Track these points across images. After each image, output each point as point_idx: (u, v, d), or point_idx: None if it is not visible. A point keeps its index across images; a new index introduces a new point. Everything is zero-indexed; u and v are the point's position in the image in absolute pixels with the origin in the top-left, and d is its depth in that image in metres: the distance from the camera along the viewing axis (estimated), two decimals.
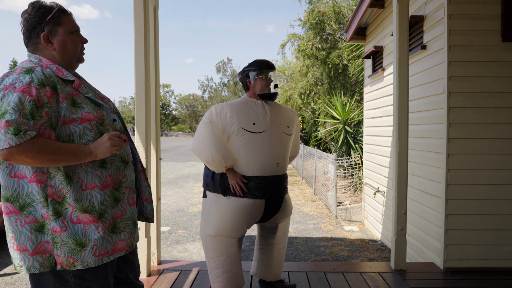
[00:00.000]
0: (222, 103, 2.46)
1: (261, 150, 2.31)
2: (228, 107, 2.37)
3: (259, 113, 2.37)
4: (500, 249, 3.28)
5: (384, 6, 5.39)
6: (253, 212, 2.37)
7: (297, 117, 2.63)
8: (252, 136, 2.30)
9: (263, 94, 2.44)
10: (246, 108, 2.38)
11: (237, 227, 2.37)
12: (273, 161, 2.34)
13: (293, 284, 2.72)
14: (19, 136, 1.25)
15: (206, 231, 2.44)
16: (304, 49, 12.94)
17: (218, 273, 2.43)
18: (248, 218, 2.38)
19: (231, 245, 2.41)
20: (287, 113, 2.54)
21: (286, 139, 2.43)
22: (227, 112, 2.33)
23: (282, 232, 2.63)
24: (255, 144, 2.31)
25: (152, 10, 3.15)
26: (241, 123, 2.31)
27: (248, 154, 2.31)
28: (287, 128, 2.45)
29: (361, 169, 8.41)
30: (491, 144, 3.28)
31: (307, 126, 15.10)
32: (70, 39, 1.49)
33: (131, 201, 1.57)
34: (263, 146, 2.31)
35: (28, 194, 1.37)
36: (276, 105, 2.52)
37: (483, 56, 3.27)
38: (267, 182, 2.34)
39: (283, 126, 2.42)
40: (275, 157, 2.35)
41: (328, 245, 5.41)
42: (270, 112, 2.41)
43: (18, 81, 1.32)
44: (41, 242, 1.39)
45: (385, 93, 5.39)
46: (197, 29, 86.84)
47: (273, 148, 2.34)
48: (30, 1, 1.49)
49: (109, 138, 1.41)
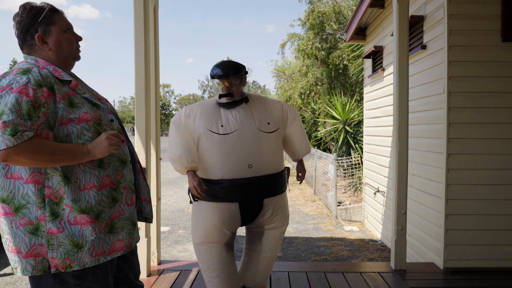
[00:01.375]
0: (194, 104, 2.36)
1: (229, 152, 2.17)
2: (198, 108, 2.27)
3: (228, 114, 2.24)
4: (500, 249, 3.28)
5: (384, 6, 5.39)
6: (227, 215, 2.24)
7: (291, 108, 2.42)
8: (220, 138, 2.18)
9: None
10: (216, 109, 2.26)
11: (215, 231, 2.26)
12: (244, 163, 2.18)
13: None
14: (16, 137, 1.24)
15: (192, 240, 2.38)
16: (304, 49, 12.94)
17: (209, 277, 2.36)
18: (225, 221, 2.25)
19: (217, 251, 2.30)
20: (271, 108, 2.34)
21: (264, 137, 2.23)
22: (196, 114, 2.24)
23: (270, 241, 2.42)
24: (223, 146, 2.18)
25: (152, 10, 3.15)
26: (208, 125, 2.20)
27: (216, 156, 2.19)
28: (267, 125, 2.25)
29: (361, 169, 8.41)
30: (491, 144, 3.28)
31: (307, 126, 15.10)
32: (64, 37, 1.49)
33: (129, 201, 1.57)
34: (232, 148, 2.17)
35: (24, 195, 1.37)
36: (256, 101, 2.34)
37: (483, 56, 3.27)
38: (238, 185, 2.19)
39: (260, 124, 2.23)
40: (246, 158, 2.18)
41: (328, 245, 5.41)
42: (243, 111, 2.25)
43: (15, 81, 1.32)
44: (34, 245, 1.37)
45: (385, 93, 5.39)
46: (197, 29, 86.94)
47: (243, 150, 2.18)
48: (21, 3, 1.48)
49: (106, 138, 1.41)
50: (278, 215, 2.35)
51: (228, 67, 2.24)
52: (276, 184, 2.30)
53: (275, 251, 2.49)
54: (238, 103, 2.24)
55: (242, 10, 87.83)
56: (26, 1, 1.48)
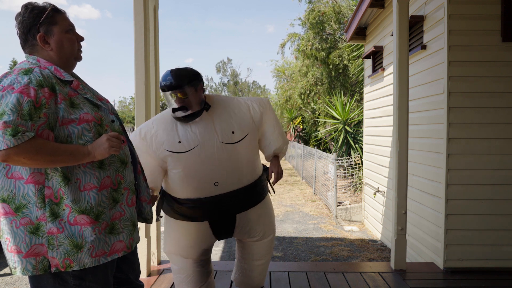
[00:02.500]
0: (148, 121, 2.14)
1: (191, 171, 1.97)
2: (153, 127, 2.05)
3: (187, 128, 1.99)
4: (500, 249, 3.28)
5: (384, 6, 5.39)
6: (199, 235, 2.11)
7: (260, 103, 2.13)
8: (179, 156, 1.96)
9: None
10: (173, 124, 2.02)
11: (187, 248, 2.15)
12: (209, 182, 1.98)
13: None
14: (17, 137, 1.24)
15: (163, 248, 2.27)
16: (304, 49, 12.95)
17: (179, 283, 2.26)
18: (197, 240, 2.13)
19: (189, 265, 2.19)
20: (235, 113, 2.06)
21: (230, 150, 1.98)
22: (152, 134, 2.03)
23: (259, 251, 2.30)
24: (185, 165, 1.96)
25: (152, 10, 3.15)
26: (166, 144, 1.98)
27: (179, 176, 1.99)
28: (231, 135, 1.99)
29: (361, 169, 8.41)
30: (491, 144, 3.28)
31: (307, 126, 15.10)
32: (66, 38, 1.49)
33: (130, 202, 1.57)
34: (193, 166, 1.96)
35: (24, 195, 1.37)
36: (219, 107, 2.06)
37: (483, 56, 3.27)
38: (204, 204, 2.02)
39: (223, 136, 1.98)
40: (210, 176, 1.97)
41: (328, 245, 5.41)
42: (203, 122, 2.00)
43: (17, 82, 1.32)
44: (35, 244, 1.37)
45: (385, 93, 5.39)
46: (197, 29, 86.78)
47: (206, 167, 1.96)
48: (23, 3, 1.48)
49: (107, 139, 1.41)
50: (259, 226, 2.18)
51: (180, 76, 1.95)
52: (251, 195, 2.10)
53: (267, 257, 2.38)
54: (197, 115, 1.98)
55: (242, 10, 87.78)
56: (28, 1, 1.47)
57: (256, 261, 2.34)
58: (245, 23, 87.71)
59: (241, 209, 2.10)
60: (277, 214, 7.35)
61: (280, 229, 6.24)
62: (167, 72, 1.98)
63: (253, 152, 2.12)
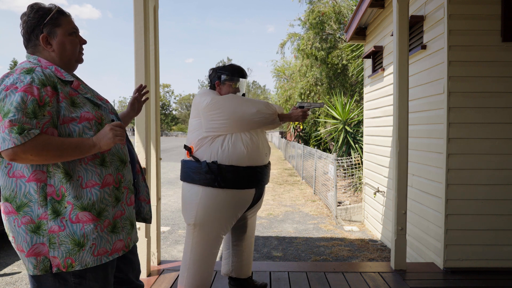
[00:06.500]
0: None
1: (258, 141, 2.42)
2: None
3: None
4: (500, 249, 3.28)
5: (384, 6, 5.39)
6: (241, 202, 2.39)
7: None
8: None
9: None
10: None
11: (231, 221, 2.40)
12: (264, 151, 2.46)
13: (264, 284, 2.79)
14: (23, 135, 1.26)
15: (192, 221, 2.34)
16: (304, 49, 12.96)
17: (196, 271, 2.36)
18: (241, 210, 2.42)
19: (218, 244, 2.42)
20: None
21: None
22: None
23: (252, 227, 2.69)
24: (256, 136, 2.42)
25: (152, 10, 3.15)
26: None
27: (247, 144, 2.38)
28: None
29: (361, 169, 8.41)
30: (491, 144, 3.28)
31: (307, 126, 15.10)
32: (68, 40, 1.50)
33: (129, 201, 1.58)
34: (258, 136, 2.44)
35: (25, 194, 1.37)
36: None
37: (483, 56, 3.27)
38: (258, 172, 2.41)
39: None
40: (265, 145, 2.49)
41: (328, 245, 5.41)
42: None
43: (19, 81, 1.33)
44: (36, 243, 1.38)
45: (385, 93, 5.39)
46: (197, 29, 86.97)
47: (263, 137, 2.49)
48: (29, 3, 1.50)
49: (111, 129, 1.42)
50: (261, 202, 2.62)
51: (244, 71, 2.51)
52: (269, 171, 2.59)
53: (254, 236, 2.77)
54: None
55: (241, 10, 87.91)
56: (34, 1, 1.49)
57: (246, 240, 2.66)
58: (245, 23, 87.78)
59: (268, 180, 2.53)
60: (277, 214, 7.35)
61: (280, 229, 6.24)
62: (238, 66, 2.49)
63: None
